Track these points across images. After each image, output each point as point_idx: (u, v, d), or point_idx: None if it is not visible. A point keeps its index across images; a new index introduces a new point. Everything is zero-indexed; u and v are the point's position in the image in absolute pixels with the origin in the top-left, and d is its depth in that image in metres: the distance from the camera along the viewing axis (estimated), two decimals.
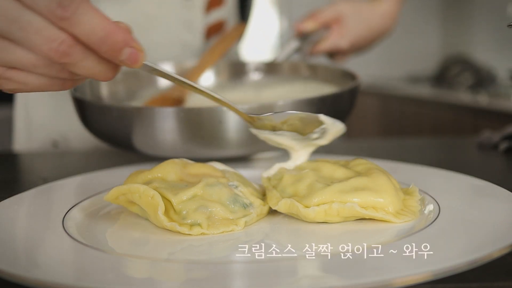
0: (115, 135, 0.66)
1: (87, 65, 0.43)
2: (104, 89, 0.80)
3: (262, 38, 3.04)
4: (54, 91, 0.46)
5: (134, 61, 0.44)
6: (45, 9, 0.40)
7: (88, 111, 0.67)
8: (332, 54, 0.96)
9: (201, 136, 0.62)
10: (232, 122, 0.61)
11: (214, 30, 0.97)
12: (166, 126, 0.62)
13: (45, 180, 0.66)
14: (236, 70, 0.89)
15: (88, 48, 0.42)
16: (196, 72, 0.83)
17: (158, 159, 0.68)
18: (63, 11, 0.40)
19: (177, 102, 0.77)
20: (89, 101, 0.68)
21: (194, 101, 0.79)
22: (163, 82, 0.86)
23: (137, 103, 0.80)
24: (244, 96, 0.81)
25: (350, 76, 0.78)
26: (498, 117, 1.87)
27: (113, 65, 0.43)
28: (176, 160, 0.53)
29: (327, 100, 0.66)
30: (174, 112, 0.61)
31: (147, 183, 0.49)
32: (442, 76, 2.55)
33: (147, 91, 0.84)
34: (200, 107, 0.62)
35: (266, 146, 0.65)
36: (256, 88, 0.84)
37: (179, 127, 0.62)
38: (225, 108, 0.60)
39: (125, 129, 0.64)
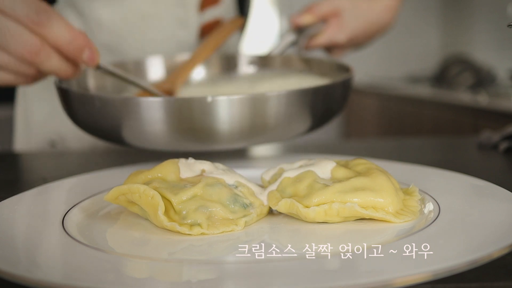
0: (102, 127, 0.63)
1: (53, 63, 0.56)
2: (92, 83, 0.77)
3: (262, 36, 3.04)
4: (16, 85, 0.61)
5: (92, 60, 0.56)
6: (24, 17, 0.53)
7: (73, 101, 0.65)
8: (330, 48, 0.95)
9: (191, 127, 0.59)
10: (223, 113, 0.59)
11: (210, 28, 0.97)
12: (153, 117, 0.59)
13: (45, 180, 0.66)
14: (229, 64, 0.87)
15: (54, 49, 0.55)
16: (188, 66, 0.82)
17: (146, 151, 0.67)
18: (40, 18, 0.53)
19: (167, 94, 0.76)
20: (74, 91, 0.65)
21: (185, 94, 0.78)
22: (152, 77, 0.84)
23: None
24: (238, 89, 0.80)
25: (344, 69, 0.77)
26: (498, 117, 1.87)
27: (74, 64, 0.57)
28: (176, 160, 0.53)
29: (320, 92, 0.65)
30: (162, 103, 0.59)
31: (147, 183, 0.49)
32: (442, 76, 2.54)
33: (135, 86, 0.82)
34: (190, 97, 0.60)
35: (258, 140, 0.63)
36: (250, 82, 0.83)
37: (168, 118, 0.59)
38: (216, 99, 0.58)
39: (111, 121, 0.61)
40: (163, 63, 0.85)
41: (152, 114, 0.59)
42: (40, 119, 0.95)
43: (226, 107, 0.58)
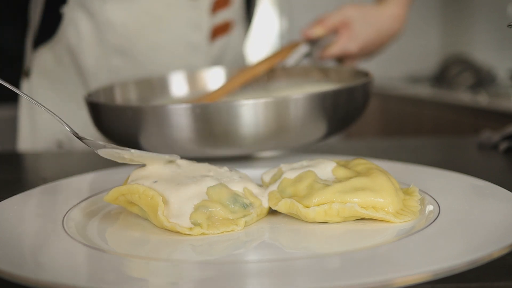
0: (131, 137, 0.65)
1: None
2: (118, 96, 0.80)
3: (262, 37, 3.04)
4: None
5: None
6: None
7: (102, 114, 0.67)
8: (341, 58, 0.96)
9: (218, 133, 0.61)
10: (248, 116, 0.60)
11: (220, 31, 0.97)
12: (182, 124, 0.61)
13: (45, 180, 0.66)
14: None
15: None
16: (237, 77, 0.82)
17: None
18: None
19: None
20: (103, 104, 0.67)
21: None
22: (176, 91, 0.86)
23: None
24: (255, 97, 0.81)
25: (362, 75, 0.78)
26: (498, 117, 1.87)
27: None
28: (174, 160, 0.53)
29: (341, 94, 0.65)
30: (190, 109, 0.60)
31: None
32: (442, 76, 2.54)
33: (159, 99, 0.84)
34: (217, 102, 0.61)
35: (281, 144, 0.64)
36: (267, 92, 0.83)
37: (196, 124, 0.60)
38: (241, 103, 0.60)
39: (140, 130, 0.63)
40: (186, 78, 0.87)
41: (180, 120, 0.61)
42: (47, 120, 0.95)
43: (252, 111, 0.60)
